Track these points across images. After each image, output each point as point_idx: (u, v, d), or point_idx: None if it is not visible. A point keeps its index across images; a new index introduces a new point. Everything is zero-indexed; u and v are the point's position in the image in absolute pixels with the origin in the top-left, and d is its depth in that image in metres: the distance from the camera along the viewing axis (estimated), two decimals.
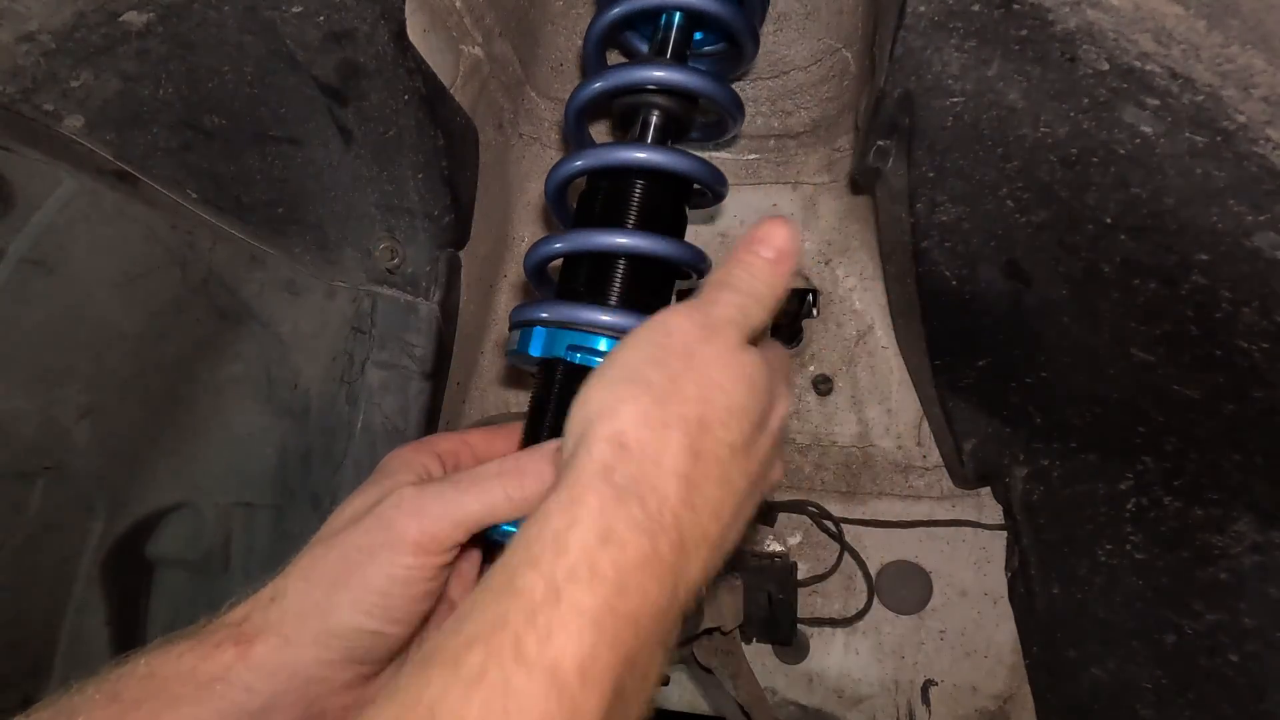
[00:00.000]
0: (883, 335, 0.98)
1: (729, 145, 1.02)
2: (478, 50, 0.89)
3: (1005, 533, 0.91)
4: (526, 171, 1.07)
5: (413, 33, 0.74)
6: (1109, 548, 0.77)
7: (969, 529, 0.93)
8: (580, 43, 1.00)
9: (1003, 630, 0.91)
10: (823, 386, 1.00)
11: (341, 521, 0.51)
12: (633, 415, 0.42)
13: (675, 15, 0.70)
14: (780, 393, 0.50)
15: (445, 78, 0.82)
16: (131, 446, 0.75)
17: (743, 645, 0.95)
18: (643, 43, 0.82)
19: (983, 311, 0.74)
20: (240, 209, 0.78)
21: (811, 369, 1.01)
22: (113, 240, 0.69)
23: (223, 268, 0.77)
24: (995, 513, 0.93)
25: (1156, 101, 0.51)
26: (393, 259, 0.85)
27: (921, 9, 0.55)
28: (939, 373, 0.83)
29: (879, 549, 0.96)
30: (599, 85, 0.67)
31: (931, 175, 0.66)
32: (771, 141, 1.02)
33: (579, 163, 0.66)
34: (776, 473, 0.52)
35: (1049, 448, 0.83)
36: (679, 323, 0.46)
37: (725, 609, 0.88)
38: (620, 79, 0.67)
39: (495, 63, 0.94)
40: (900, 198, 0.69)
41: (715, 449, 0.43)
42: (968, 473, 0.90)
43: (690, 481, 0.42)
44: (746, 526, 0.49)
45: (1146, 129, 0.53)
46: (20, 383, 0.64)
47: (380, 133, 0.77)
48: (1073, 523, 0.80)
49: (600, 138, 1.01)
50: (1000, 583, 0.92)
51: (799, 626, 0.96)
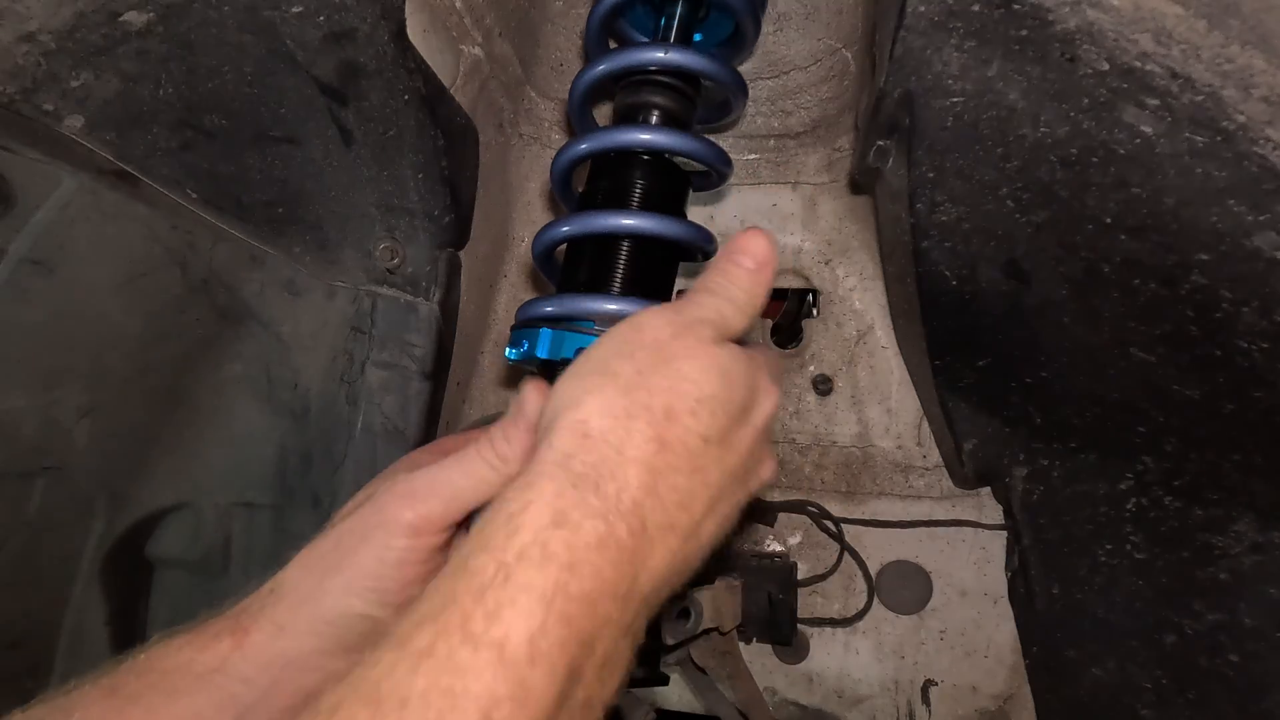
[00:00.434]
0: (883, 335, 0.98)
1: (729, 145, 1.02)
2: (478, 50, 0.89)
3: (1005, 533, 0.91)
4: (526, 171, 1.07)
5: (413, 33, 0.74)
6: (1109, 548, 0.77)
7: (969, 529, 0.93)
8: (580, 42, 1.00)
9: (1003, 630, 0.91)
10: (823, 386, 1.00)
11: (340, 516, 0.51)
12: (597, 405, 0.42)
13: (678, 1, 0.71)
14: (764, 387, 0.49)
15: (445, 78, 0.82)
16: (131, 446, 0.75)
17: (742, 645, 0.95)
18: (643, 36, 0.82)
19: (983, 311, 0.74)
20: (240, 209, 0.78)
21: (811, 369, 1.01)
22: (113, 240, 0.69)
23: (223, 268, 0.77)
24: (995, 513, 0.93)
25: (1156, 101, 0.51)
26: (393, 259, 0.85)
27: (921, 9, 0.55)
28: (939, 373, 0.83)
29: (879, 549, 0.96)
30: (604, 67, 0.67)
31: (931, 175, 0.66)
32: (771, 141, 1.02)
33: (584, 145, 0.66)
34: (767, 469, 0.52)
35: (1049, 448, 0.83)
36: (651, 319, 0.46)
37: (724, 609, 0.88)
38: (625, 60, 0.67)
39: (495, 63, 0.94)
40: (900, 198, 0.69)
41: (684, 438, 0.43)
42: (968, 473, 0.90)
43: (654, 469, 0.42)
44: (730, 521, 0.48)
45: (1146, 129, 0.53)
46: (20, 383, 0.64)
47: (380, 133, 0.77)
48: (1073, 523, 0.80)
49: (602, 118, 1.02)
50: (1000, 583, 0.92)
51: (799, 626, 0.96)
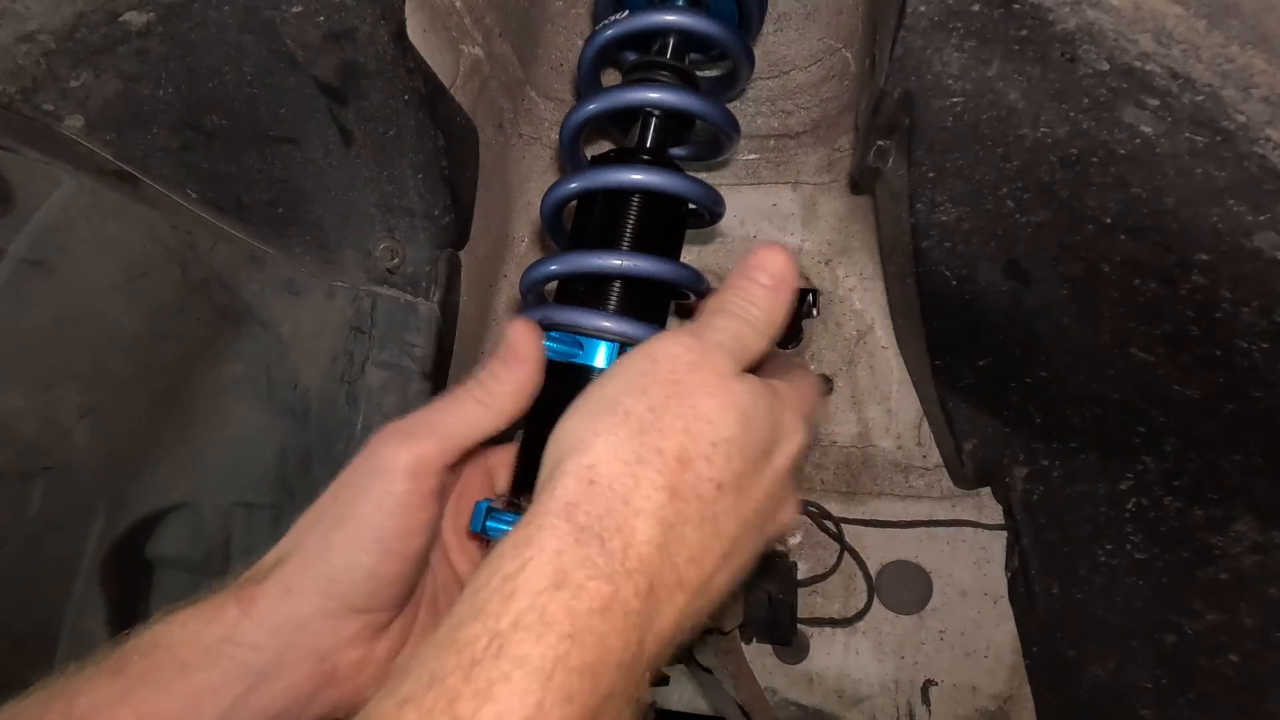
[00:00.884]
0: (883, 335, 0.98)
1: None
2: (478, 50, 0.89)
3: (1005, 533, 0.91)
4: (526, 171, 1.07)
5: (413, 33, 0.74)
6: (1109, 548, 0.77)
7: (969, 529, 0.93)
8: (580, 43, 1.00)
9: (1003, 630, 0.91)
10: (822, 386, 1.00)
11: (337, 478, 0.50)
12: (606, 449, 0.39)
13: (670, 36, 0.70)
14: (788, 426, 0.45)
15: (445, 78, 0.82)
16: (131, 446, 0.75)
17: (743, 645, 0.95)
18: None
19: (982, 311, 0.74)
20: (240, 209, 0.78)
21: (811, 369, 1.01)
22: (113, 240, 0.69)
23: (223, 268, 0.77)
24: (995, 513, 0.93)
25: (1156, 101, 0.51)
26: (393, 259, 0.85)
27: (921, 9, 0.55)
28: (939, 373, 0.83)
29: (879, 549, 0.96)
30: (593, 108, 0.67)
31: (931, 175, 0.66)
32: (771, 141, 1.02)
33: (574, 185, 0.65)
34: (787, 514, 0.48)
35: (1049, 448, 0.83)
36: (666, 348, 0.43)
37: (725, 609, 0.88)
38: (614, 101, 0.66)
39: (495, 63, 0.94)
40: (900, 198, 0.69)
41: (696, 486, 0.40)
42: (968, 473, 0.90)
43: (664, 522, 0.38)
44: (744, 572, 0.45)
45: (1146, 129, 0.53)
46: (20, 383, 0.64)
47: (380, 133, 0.77)
48: (1073, 523, 0.80)
49: (599, 140, 1.01)
50: (1000, 583, 0.92)
51: (799, 626, 0.96)
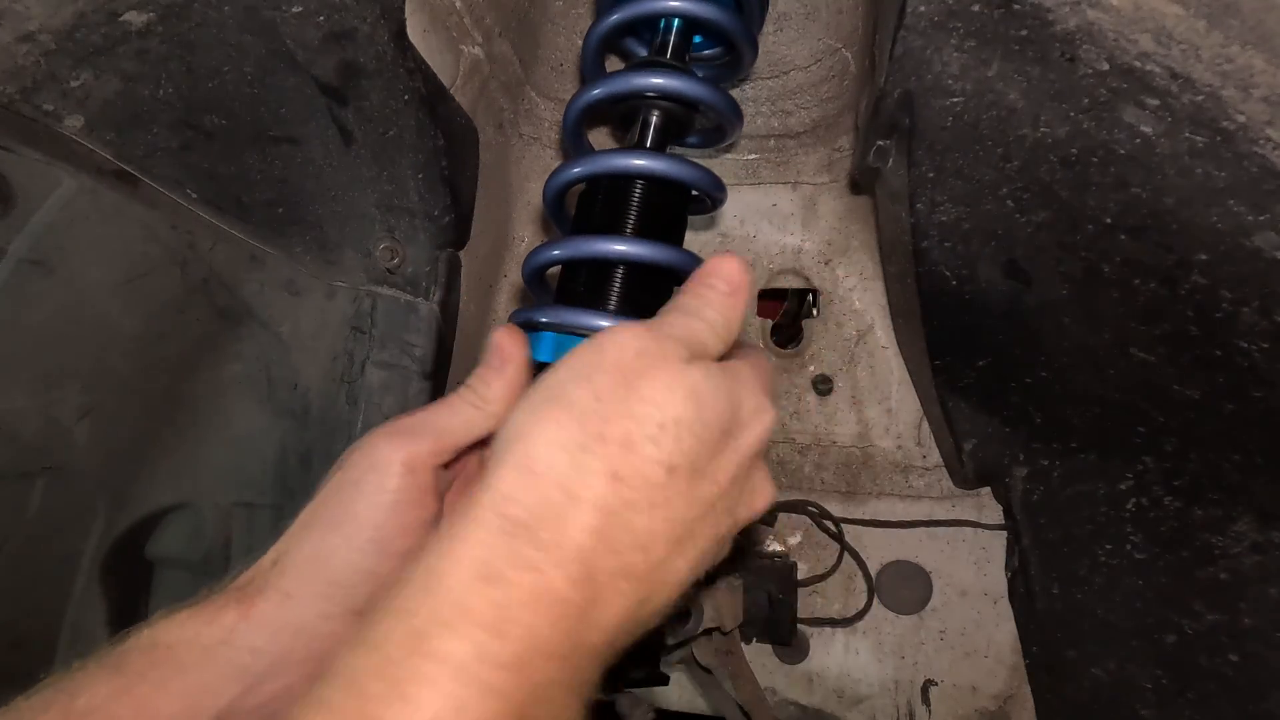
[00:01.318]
0: (883, 335, 0.98)
1: (730, 146, 1.02)
2: (478, 50, 0.89)
3: (1005, 533, 0.91)
4: (526, 172, 1.07)
5: (413, 33, 0.74)
6: (1109, 548, 0.77)
7: (969, 529, 0.93)
8: (580, 43, 1.00)
9: (1003, 630, 0.91)
10: (823, 386, 1.00)
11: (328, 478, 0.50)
12: (546, 437, 0.38)
13: (674, 21, 0.70)
14: (752, 405, 0.44)
15: (445, 78, 0.82)
16: (131, 446, 0.75)
17: (743, 645, 0.95)
18: (641, 47, 0.81)
19: (983, 311, 0.74)
20: (240, 209, 0.78)
21: (811, 369, 1.01)
22: (113, 240, 0.69)
23: (223, 268, 0.77)
24: (995, 513, 0.93)
25: (1156, 101, 0.51)
26: (393, 259, 0.85)
27: (921, 9, 0.55)
28: (939, 373, 0.83)
29: (879, 549, 0.96)
30: (597, 93, 0.67)
31: (931, 175, 0.66)
32: (771, 141, 1.02)
33: (577, 169, 0.66)
34: (761, 497, 0.47)
35: (1049, 448, 0.83)
36: (614, 337, 0.42)
37: (725, 609, 0.88)
38: (618, 87, 0.67)
39: (495, 63, 0.94)
40: (900, 198, 0.69)
41: (643, 470, 0.38)
42: (968, 473, 0.90)
43: (604, 509, 0.37)
44: (712, 555, 0.44)
45: (1146, 129, 0.53)
46: (20, 383, 0.64)
47: (380, 133, 0.77)
48: (1073, 523, 0.80)
49: (601, 137, 1.02)
50: (1000, 583, 0.92)
51: (799, 626, 0.96)
